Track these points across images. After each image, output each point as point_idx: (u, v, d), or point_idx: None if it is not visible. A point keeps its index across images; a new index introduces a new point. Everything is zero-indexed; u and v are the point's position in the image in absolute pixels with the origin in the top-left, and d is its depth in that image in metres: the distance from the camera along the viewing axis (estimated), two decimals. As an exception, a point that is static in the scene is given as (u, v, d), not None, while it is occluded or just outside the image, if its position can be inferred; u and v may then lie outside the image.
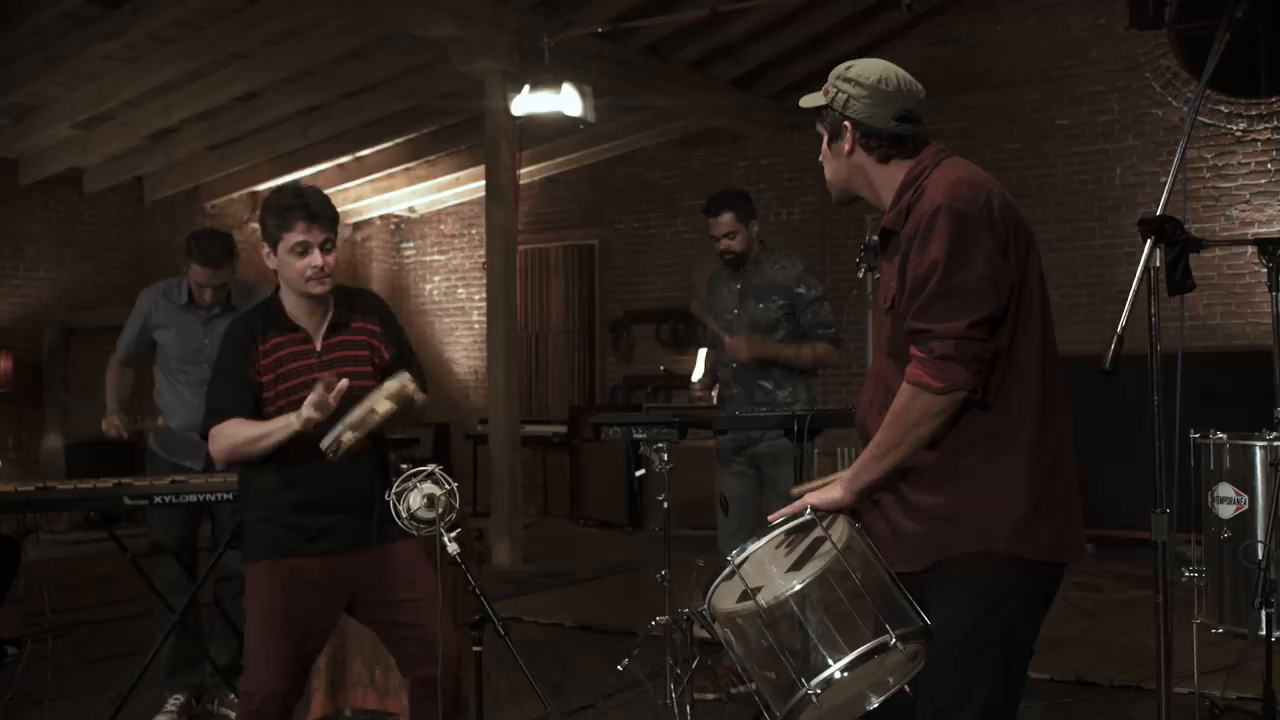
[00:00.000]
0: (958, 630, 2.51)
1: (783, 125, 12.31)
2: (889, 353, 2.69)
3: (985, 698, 2.53)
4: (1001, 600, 2.53)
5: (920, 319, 2.53)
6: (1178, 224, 2.85)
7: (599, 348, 13.60)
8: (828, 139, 2.79)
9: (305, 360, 3.55)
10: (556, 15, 9.62)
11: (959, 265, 2.50)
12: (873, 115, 2.70)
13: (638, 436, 5.00)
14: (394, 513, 3.32)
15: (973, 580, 2.53)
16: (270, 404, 3.53)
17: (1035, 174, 11.03)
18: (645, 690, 5.11)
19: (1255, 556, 4.07)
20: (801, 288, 5.36)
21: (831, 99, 2.75)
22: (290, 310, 3.59)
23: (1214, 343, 10.03)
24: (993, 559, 2.53)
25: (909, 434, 2.55)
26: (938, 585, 2.56)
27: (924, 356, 2.52)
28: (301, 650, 3.53)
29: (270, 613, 3.49)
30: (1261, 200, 10.20)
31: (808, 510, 2.63)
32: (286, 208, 3.48)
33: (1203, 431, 4.56)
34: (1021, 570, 2.55)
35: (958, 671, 2.52)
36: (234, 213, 13.41)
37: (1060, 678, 5.71)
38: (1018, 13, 11.18)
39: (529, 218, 13.87)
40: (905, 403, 2.55)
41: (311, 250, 3.47)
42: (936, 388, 2.50)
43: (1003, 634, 2.54)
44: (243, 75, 10.15)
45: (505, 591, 8.26)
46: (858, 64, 2.75)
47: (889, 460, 2.58)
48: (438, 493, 3.34)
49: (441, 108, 11.12)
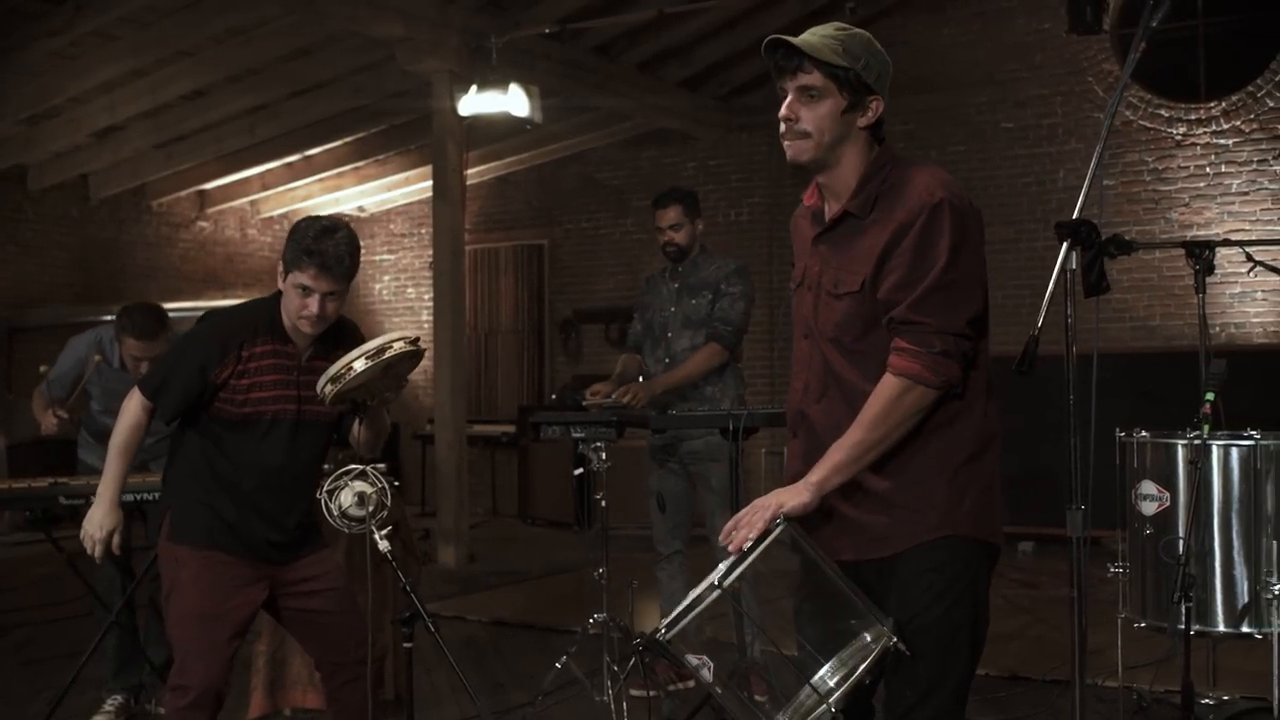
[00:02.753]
0: (933, 615, 2.55)
1: (731, 126, 12.38)
2: (831, 338, 2.66)
3: (959, 677, 2.60)
4: (970, 583, 2.60)
5: (917, 311, 2.51)
6: (1093, 227, 2.91)
7: (548, 347, 13.62)
8: (837, 102, 2.61)
9: (286, 375, 3.56)
10: (504, 15, 9.63)
11: (959, 261, 2.52)
12: (886, 97, 2.67)
13: (576, 435, 5.04)
14: (325, 510, 3.35)
15: (942, 565, 2.57)
16: (235, 405, 3.52)
17: (980, 176, 11.14)
18: (583, 688, 5.14)
19: (1176, 552, 4.15)
20: (724, 284, 5.44)
21: (864, 65, 2.61)
22: (287, 325, 3.59)
23: (1154, 343, 10.19)
24: (959, 544, 2.59)
25: (896, 431, 2.53)
26: (905, 572, 2.58)
27: (918, 350, 2.50)
28: (233, 643, 3.56)
29: (200, 606, 3.50)
30: (1200, 203, 10.36)
31: (780, 522, 2.50)
32: (304, 250, 3.44)
33: (1128, 430, 4.65)
34: (982, 553, 2.64)
35: (935, 655, 2.55)
36: (181, 211, 13.32)
37: (995, 673, 5.80)
38: (962, 16, 11.30)
39: (478, 217, 13.86)
40: (894, 397, 2.52)
41: (313, 295, 3.47)
42: (935, 383, 2.51)
43: (972, 615, 2.61)
44: (189, 73, 10.09)
45: (450, 590, 8.28)
46: (870, 38, 2.67)
47: (869, 459, 2.55)
48: (369, 490, 3.37)
49: (390, 107, 11.10)
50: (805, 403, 2.73)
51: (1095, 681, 5.34)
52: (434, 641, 3.75)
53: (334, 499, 3.36)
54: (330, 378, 3.35)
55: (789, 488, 2.58)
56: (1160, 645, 5.08)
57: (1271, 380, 8.96)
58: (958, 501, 2.58)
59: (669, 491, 5.47)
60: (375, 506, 3.35)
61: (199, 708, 3.45)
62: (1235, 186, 10.24)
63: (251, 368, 3.51)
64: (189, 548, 3.54)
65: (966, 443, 2.60)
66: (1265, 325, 9.99)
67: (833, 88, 2.60)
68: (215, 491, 3.55)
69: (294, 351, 3.58)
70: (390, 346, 3.35)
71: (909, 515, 2.58)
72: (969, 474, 2.60)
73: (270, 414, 3.54)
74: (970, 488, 2.60)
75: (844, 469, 2.55)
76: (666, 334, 5.49)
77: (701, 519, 5.52)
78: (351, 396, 3.46)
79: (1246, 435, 4.41)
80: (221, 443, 3.56)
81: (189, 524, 3.56)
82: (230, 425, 3.54)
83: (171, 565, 3.56)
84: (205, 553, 3.52)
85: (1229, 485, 4.39)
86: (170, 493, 3.68)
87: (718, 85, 12.06)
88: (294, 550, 3.62)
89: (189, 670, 3.47)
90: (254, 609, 3.64)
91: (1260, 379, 8.89)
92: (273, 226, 14.37)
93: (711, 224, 12.10)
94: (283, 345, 3.57)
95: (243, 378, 3.51)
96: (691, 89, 11.88)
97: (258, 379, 3.52)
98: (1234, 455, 4.39)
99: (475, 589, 8.46)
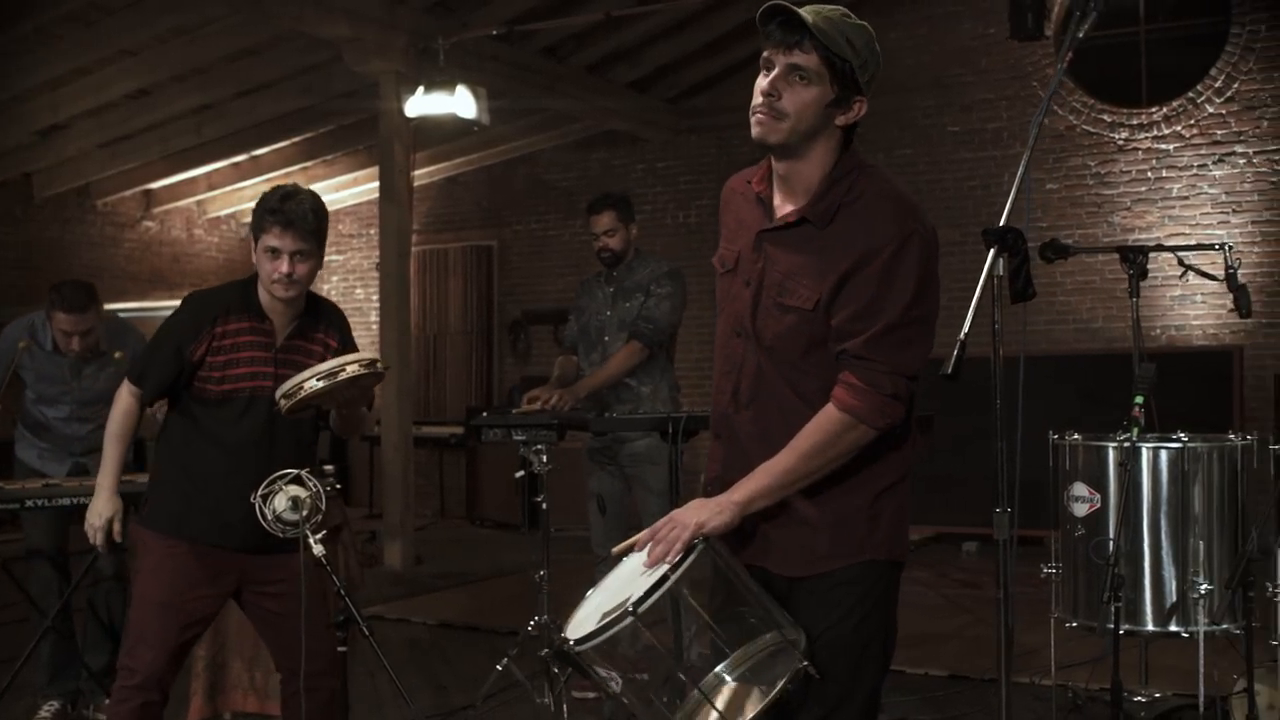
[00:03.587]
0: (845, 631, 2.54)
1: (680, 129, 12.41)
2: (769, 346, 2.57)
3: (870, 691, 2.61)
4: (880, 599, 2.59)
5: (872, 349, 2.43)
6: (1019, 234, 2.93)
7: (497, 349, 13.60)
8: (824, 92, 2.48)
9: (262, 352, 3.61)
10: (452, 17, 9.61)
11: (923, 299, 2.46)
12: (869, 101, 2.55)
13: (518, 438, 5.06)
14: (259, 514, 3.35)
15: (856, 583, 2.55)
16: (213, 383, 3.58)
17: (926, 179, 11.23)
18: (525, 690, 5.15)
19: (1105, 553, 4.22)
20: (654, 285, 5.49)
21: (862, 63, 2.49)
22: (264, 302, 3.63)
23: (1096, 345, 10.31)
24: (875, 564, 2.57)
25: (830, 465, 2.48)
26: (823, 589, 2.55)
27: (867, 389, 2.43)
28: (185, 634, 3.61)
29: (157, 595, 3.56)
30: (1142, 207, 10.49)
31: (700, 542, 2.42)
32: (267, 210, 3.53)
33: (1060, 432, 4.72)
34: (893, 571, 2.63)
35: (847, 670, 2.54)
36: (126, 211, 13.19)
37: (935, 672, 5.87)
38: (909, 20, 11.38)
39: (427, 218, 13.83)
40: (836, 433, 2.45)
41: (281, 256, 3.51)
42: (879, 425, 2.45)
43: (882, 630, 2.61)
44: (133, 72, 10.01)
45: (396, 592, 8.27)
46: (873, 35, 2.55)
47: (797, 488, 2.50)
48: (303, 495, 3.37)
49: (337, 108, 11.05)
50: (733, 407, 2.65)
51: (1033, 680, 5.42)
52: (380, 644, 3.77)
53: (268, 503, 3.36)
54: (283, 393, 3.38)
55: (710, 504, 2.49)
56: (1096, 644, 5.15)
57: (1211, 381, 9.11)
58: (875, 527, 2.57)
59: (609, 493, 5.50)
60: (310, 511, 3.35)
61: (144, 689, 3.53)
62: (1176, 191, 10.37)
63: (227, 344, 3.57)
64: (155, 534, 3.60)
65: (890, 472, 2.58)
66: (1204, 328, 10.14)
67: (825, 76, 2.46)
68: (193, 474, 3.60)
69: (270, 329, 3.62)
70: (343, 370, 3.37)
71: (829, 538, 2.55)
72: (887, 500, 2.58)
73: (248, 390, 3.58)
74: (885, 512, 2.58)
75: (771, 494, 2.49)
76: (603, 337, 5.52)
77: (640, 521, 5.55)
78: (314, 405, 3.50)
79: (1175, 438, 4.49)
80: (201, 423, 3.62)
81: (158, 510, 3.63)
82: (209, 405, 3.60)
83: (140, 548, 3.64)
84: (170, 542, 3.57)
85: (1158, 487, 4.47)
86: (151, 476, 3.78)
87: (666, 87, 12.09)
88: (272, 538, 3.59)
89: (137, 654, 3.55)
90: (217, 602, 3.69)
91: (1199, 380, 9.04)
92: (220, 227, 14.27)
93: (660, 225, 12.17)
94: (259, 323, 3.61)
95: (219, 354, 3.56)
96: (640, 91, 11.90)
97: (234, 355, 3.58)
98: (1163, 457, 4.46)
99: (421, 591, 8.45)
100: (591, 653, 2.39)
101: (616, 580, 2.58)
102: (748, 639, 2.41)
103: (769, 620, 2.43)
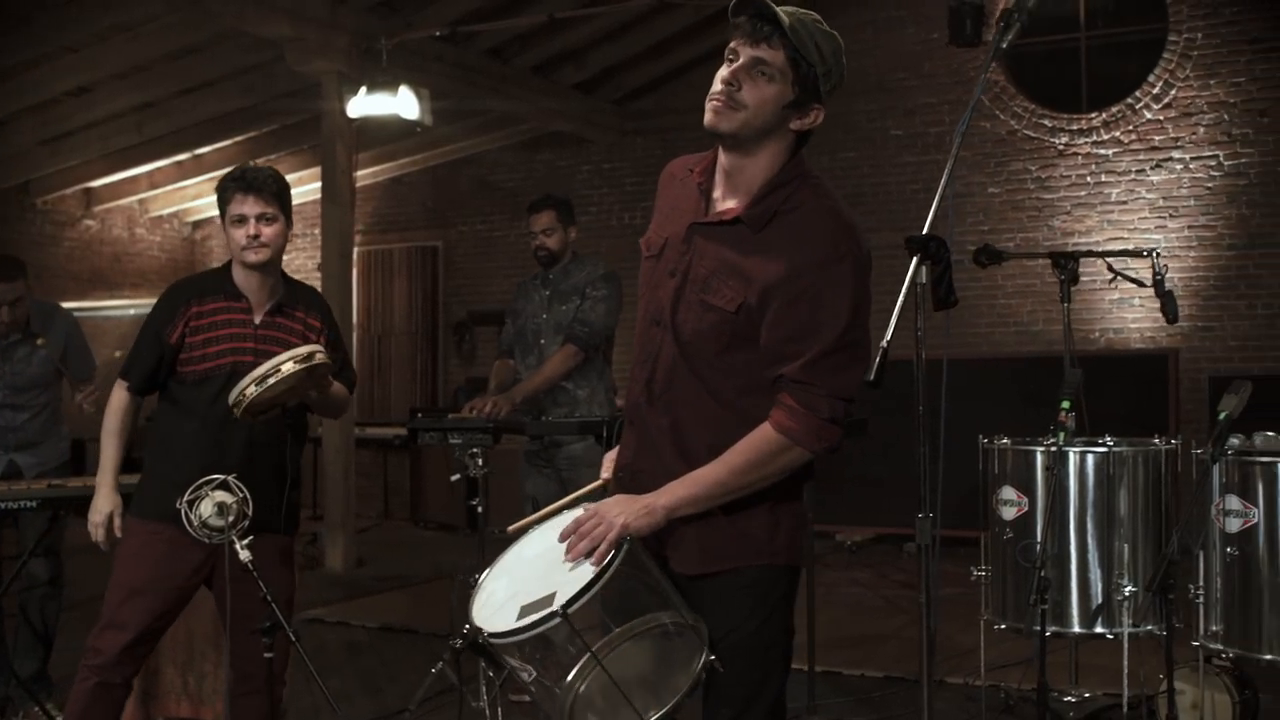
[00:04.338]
0: (748, 632, 2.56)
1: (625, 130, 12.43)
2: (687, 341, 2.55)
3: (775, 690, 2.62)
4: (779, 602, 2.62)
5: (811, 373, 2.43)
6: (942, 243, 2.96)
7: (442, 349, 13.56)
8: (785, 92, 2.46)
9: (241, 329, 3.73)
10: (396, 17, 9.58)
11: (857, 324, 2.46)
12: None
13: (454, 442, 5.06)
14: (184, 520, 3.34)
15: (758, 586, 2.58)
16: (194, 363, 3.70)
17: (870, 182, 11.32)
18: (461, 692, 5.14)
19: (1033, 556, 4.27)
20: (590, 288, 5.51)
21: (825, 71, 2.48)
22: (238, 281, 3.77)
23: (1036, 347, 10.41)
24: (774, 568, 2.61)
25: (761, 483, 2.49)
26: (724, 590, 2.57)
27: (805, 412, 2.44)
28: (156, 622, 3.70)
29: (131, 580, 3.66)
30: (1081, 212, 10.61)
31: (625, 542, 2.39)
32: (229, 180, 3.73)
33: (989, 436, 4.78)
34: (792, 575, 2.66)
35: (751, 671, 2.56)
36: (67, 209, 13.05)
37: (871, 673, 5.92)
38: (853, 24, 11.41)
39: (372, 218, 13.78)
40: (771, 453, 2.47)
41: (247, 221, 3.67)
42: (816, 448, 2.47)
43: (784, 633, 2.64)
44: (74, 69, 9.90)
45: (336, 594, 8.23)
46: (842, 45, 2.53)
47: (726, 501, 2.50)
48: (229, 501, 3.36)
49: (281, 107, 10.98)
50: (645, 397, 2.63)
51: (966, 681, 5.48)
52: (319, 648, 3.78)
53: (194, 509, 3.35)
54: (232, 401, 3.46)
55: (636, 504, 2.47)
56: (1029, 644, 5.20)
57: (1147, 383, 9.24)
58: (776, 533, 2.60)
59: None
60: (236, 516, 3.35)
61: (103, 670, 3.64)
62: (1114, 195, 10.50)
63: (204, 324, 3.70)
64: (138, 520, 3.71)
65: (791, 481, 2.59)
66: (1141, 330, 10.27)
67: (789, 76, 2.45)
68: (175, 456, 3.68)
69: (247, 307, 3.75)
70: (279, 370, 3.43)
71: (732, 539, 2.57)
72: (787, 507, 2.61)
73: (229, 365, 3.68)
74: (785, 520, 2.61)
75: (698, 504, 2.49)
76: (539, 341, 5.53)
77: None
78: (277, 403, 3.57)
79: (1101, 442, 4.56)
80: (183, 405, 3.73)
81: (142, 496, 3.74)
82: (191, 386, 3.71)
83: (125, 535, 3.72)
84: (152, 526, 3.64)
85: (1084, 491, 4.54)
86: (142, 469, 3.86)
87: (612, 89, 12.10)
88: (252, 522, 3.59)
89: (105, 637, 3.66)
90: (192, 588, 3.75)
91: (1136, 383, 9.17)
92: (162, 226, 14.15)
93: (605, 227, 12.18)
94: (235, 302, 3.74)
95: (197, 334, 3.70)
96: (586, 93, 11.91)
97: (212, 334, 3.71)
98: (1089, 461, 4.53)
99: (362, 593, 8.40)
100: (510, 646, 2.38)
101: (523, 564, 2.56)
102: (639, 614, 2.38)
103: (667, 602, 2.42)
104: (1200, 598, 4.34)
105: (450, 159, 13.09)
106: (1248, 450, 4.21)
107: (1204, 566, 4.35)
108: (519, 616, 2.36)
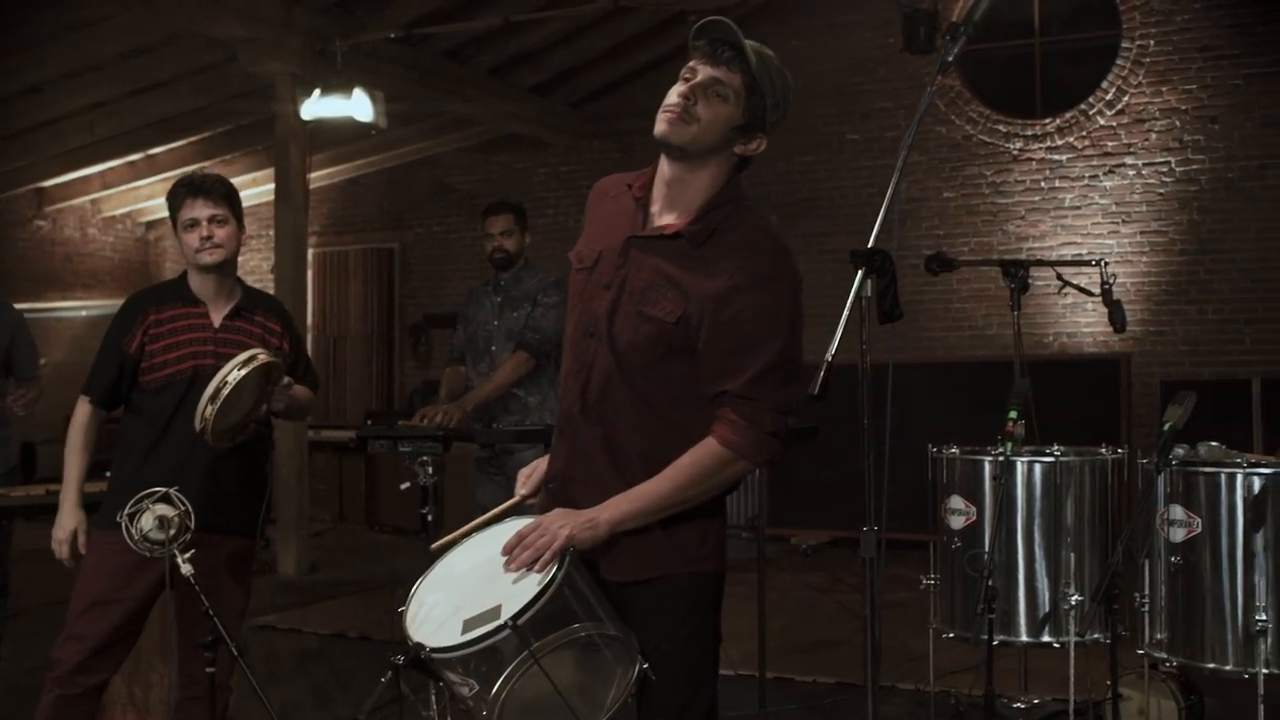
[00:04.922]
0: (680, 640, 2.59)
1: (582, 133, 12.42)
2: (622, 352, 2.58)
3: (709, 695, 2.65)
4: (708, 610, 2.66)
5: (753, 389, 2.49)
6: (887, 256, 2.97)
7: (398, 352, 13.50)
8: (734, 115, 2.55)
9: (200, 334, 3.77)
10: (350, 18, 9.52)
11: (795, 340, 2.53)
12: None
13: (404, 450, 5.03)
14: (125, 533, 3.31)
15: (687, 593, 2.61)
16: (155, 370, 3.72)
17: (826, 186, 11.35)
18: (411, 702, 5.11)
19: (980, 565, 4.29)
20: (541, 295, 5.51)
21: (773, 104, 2.59)
22: (195, 288, 3.82)
23: (991, 351, 10.46)
24: (703, 576, 2.64)
25: (704, 496, 2.55)
26: (655, 598, 2.59)
27: (748, 426, 2.49)
28: (116, 634, 3.71)
29: (93, 592, 3.68)
30: (1035, 217, 10.69)
31: (569, 553, 2.42)
32: (179, 185, 3.79)
33: (938, 445, 4.79)
34: (718, 582, 2.70)
35: (685, 678, 2.59)
36: (18, 209, 12.91)
37: (823, 679, 5.93)
38: (810, 29, 11.46)
39: (328, 220, 13.70)
40: (714, 467, 2.52)
41: (199, 224, 3.71)
42: (758, 461, 2.52)
43: (714, 639, 2.68)
44: (25, 68, 9.80)
45: (289, 600, 8.17)
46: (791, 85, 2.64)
47: (669, 514, 2.53)
48: (170, 514, 3.33)
49: (234, 108, 10.90)
50: (579, 407, 2.65)
51: (917, 686, 5.50)
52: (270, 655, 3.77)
53: (135, 522, 3.32)
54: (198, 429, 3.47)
55: (580, 517, 2.49)
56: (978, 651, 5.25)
57: (1100, 388, 9.32)
58: (704, 541, 2.63)
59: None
60: (177, 530, 3.32)
61: (62, 683, 3.66)
62: (1068, 201, 10.59)
63: (163, 331, 3.74)
64: (100, 531, 3.70)
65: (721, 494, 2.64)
66: (1095, 335, 10.35)
67: (742, 99, 2.55)
68: (140, 466, 3.68)
69: (204, 311, 3.79)
70: (226, 382, 3.43)
71: (662, 547, 2.59)
72: (713, 518, 2.65)
73: (190, 369, 3.71)
74: (711, 530, 2.65)
75: (641, 518, 2.52)
76: (490, 348, 5.51)
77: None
78: (249, 419, 3.62)
79: (1049, 451, 4.58)
80: (145, 413, 3.75)
81: (106, 508, 3.72)
82: (154, 394, 3.73)
83: (88, 545, 3.74)
84: (112, 537, 3.58)
85: (1032, 500, 4.55)
86: (113, 466, 3.87)
87: (569, 92, 12.08)
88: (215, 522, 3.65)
89: (65, 648, 3.68)
90: (150, 601, 3.77)
91: (1089, 387, 9.25)
92: (115, 226, 14.02)
93: (562, 229, 12.14)
94: (193, 307, 3.78)
95: (156, 340, 3.73)
96: (543, 95, 11.89)
97: (171, 340, 3.74)
98: (1037, 471, 4.55)
99: (315, 599, 8.34)
100: (454, 660, 2.36)
101: (456, 579, 2.57)
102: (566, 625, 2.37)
103: (595, 614, 2.42)
104: (1145, 606, 4.37)
105: (407, 160, 13.04)
106: (1192, 460, 4.24)
107: (1149, 575, 4.37)
108: (463, 630, 2.35)
